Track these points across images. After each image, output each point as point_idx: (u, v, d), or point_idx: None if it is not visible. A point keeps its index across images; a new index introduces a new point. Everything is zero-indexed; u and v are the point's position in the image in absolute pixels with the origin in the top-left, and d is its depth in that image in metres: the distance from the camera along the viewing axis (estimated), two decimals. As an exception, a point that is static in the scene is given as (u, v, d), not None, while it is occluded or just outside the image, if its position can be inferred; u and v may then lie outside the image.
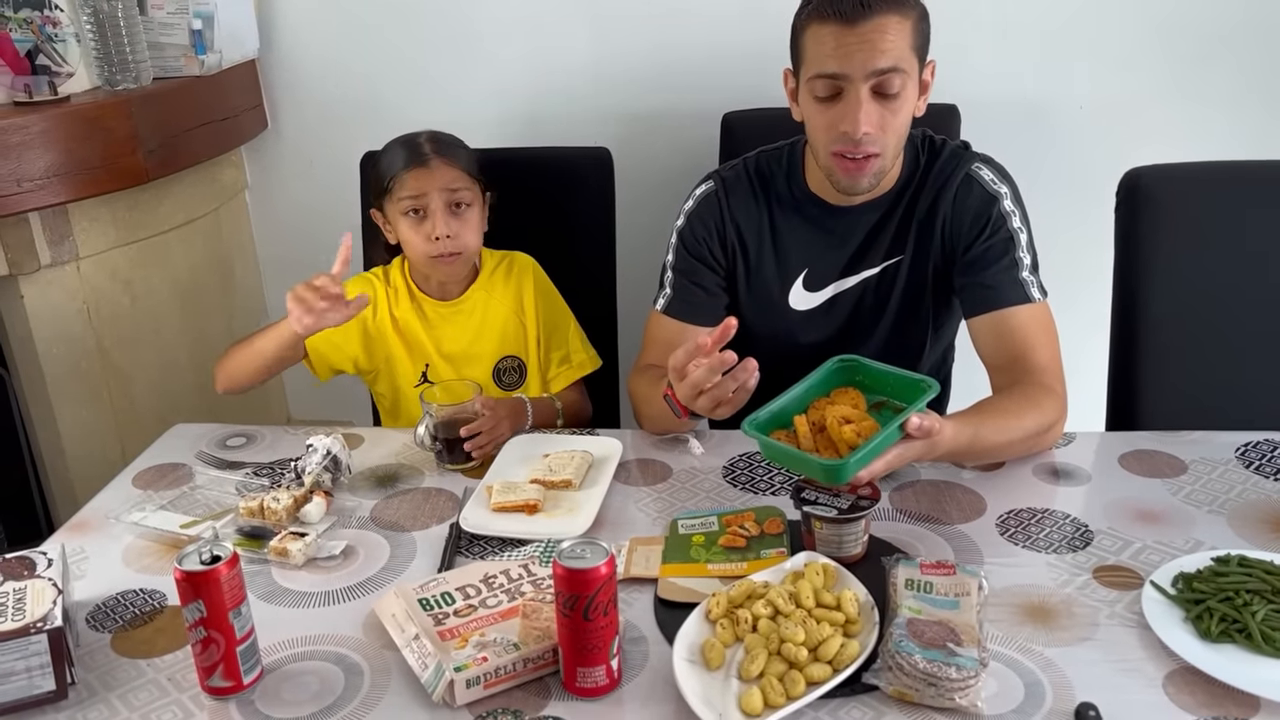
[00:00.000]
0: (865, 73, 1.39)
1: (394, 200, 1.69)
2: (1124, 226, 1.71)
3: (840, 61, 1.39)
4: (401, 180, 1.68)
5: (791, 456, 1.21)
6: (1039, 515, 1.32)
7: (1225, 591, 1.10)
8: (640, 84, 2.27)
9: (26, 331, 2.00)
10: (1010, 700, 1.01)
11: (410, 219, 1.69)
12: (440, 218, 1.67)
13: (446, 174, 1.68)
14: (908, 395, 1.25)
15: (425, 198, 1.67)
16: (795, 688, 1.00)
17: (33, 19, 1.89)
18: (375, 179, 1.73)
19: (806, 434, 1.23)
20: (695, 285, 1.62)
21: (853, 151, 1.44)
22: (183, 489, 1.48)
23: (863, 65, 1.38)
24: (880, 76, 1.39)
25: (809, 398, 1.29)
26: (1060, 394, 1.46)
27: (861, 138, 1.41)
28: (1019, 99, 2.19)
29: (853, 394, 1.30)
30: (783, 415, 1.26)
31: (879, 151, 1.44)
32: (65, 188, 1.87)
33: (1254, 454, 1.44)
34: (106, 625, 1.19)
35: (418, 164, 1.67)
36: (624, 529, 1.33)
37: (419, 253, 1.71)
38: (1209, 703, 1.00)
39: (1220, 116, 2.17)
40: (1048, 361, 1.47)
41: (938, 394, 1.23)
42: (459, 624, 1.10)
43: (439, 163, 1.68)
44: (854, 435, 1.19)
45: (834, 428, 1.21)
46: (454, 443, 1.49)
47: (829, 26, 1.39)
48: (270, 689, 1.07)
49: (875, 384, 1.31)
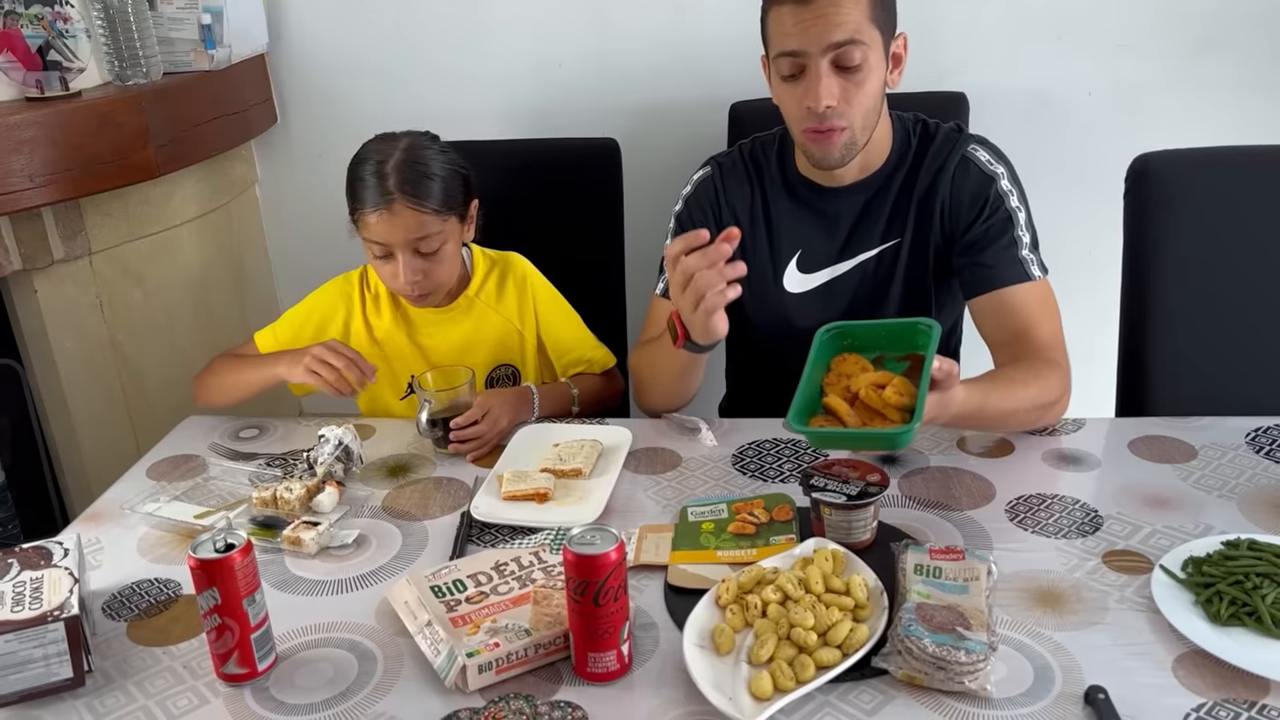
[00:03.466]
0: (822, 46, 1.41)
1: (361, 233, 1.61)
2: (1133, 212, 1.71)
3: (798, 38, 1.42)
4: (364, 220, 1.58)
5: (849, 437, 1.22)
6: (1048, 501, 1.32)
7: (1235, 575, 1.10)
8: (648, 75, 2.27)
9: (40, 326, 2.01)
10: (1020, 684, 1.01)
11: (377, 259, 1.62)
12: (404, 265, 1.58)
13: (410, 221, 1.55)
14: (903, 341, 1.28)
15: (388, 244, 1.58)
16: (805, 672, 1.00)
17: (44, 15, 1.90)
18: (348, 196, 1.63)
19: (849, 411, 1.23)
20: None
21: (819, 125, 1.46)
22: (196, 480, 1.49)
23: (819, 39, 1.41)
24: (838, 50, 1.41)
25: (818, 378, 1.29)
26: (1064, 368, 1.47)
27: (825, 111, 1.44)
28: (1027, 87, 2.19)
29: (852, 359, 1.30)
30: (809, 403, 1.25)
31: (844, 125, 1.47)
32: (77, 183, 1.87)
33: (1264, 439, 1.44)
34: (122, 614, 1.20)
35: (381, 206, 1.55)
36: (634, 517, 1.34)
37: (387, 285, 1.67)
38: (1219, 685, 1.00)
39: (1229, 102, 2.16)
40: (1049, 337, 1.49)
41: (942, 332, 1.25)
42: (471, 610, 1.11)
43: (403, 206, 1.55)
44: (897, 396, 1.20)
45: (872, 396, 1.22)
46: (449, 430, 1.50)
47: (786, 5, 1.43)
48: (284, 676, 1.08)
49: (867, 341, 1.31)
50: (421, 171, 1.58)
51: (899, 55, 1.50)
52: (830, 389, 1.28)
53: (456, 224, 1.64)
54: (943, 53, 2.15)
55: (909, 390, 1.21)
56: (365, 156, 1.61)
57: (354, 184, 1.60)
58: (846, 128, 1.47)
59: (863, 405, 1.22)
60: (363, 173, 1.59)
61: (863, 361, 1.30)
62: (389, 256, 1.59)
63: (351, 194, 1.61)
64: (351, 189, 1.61)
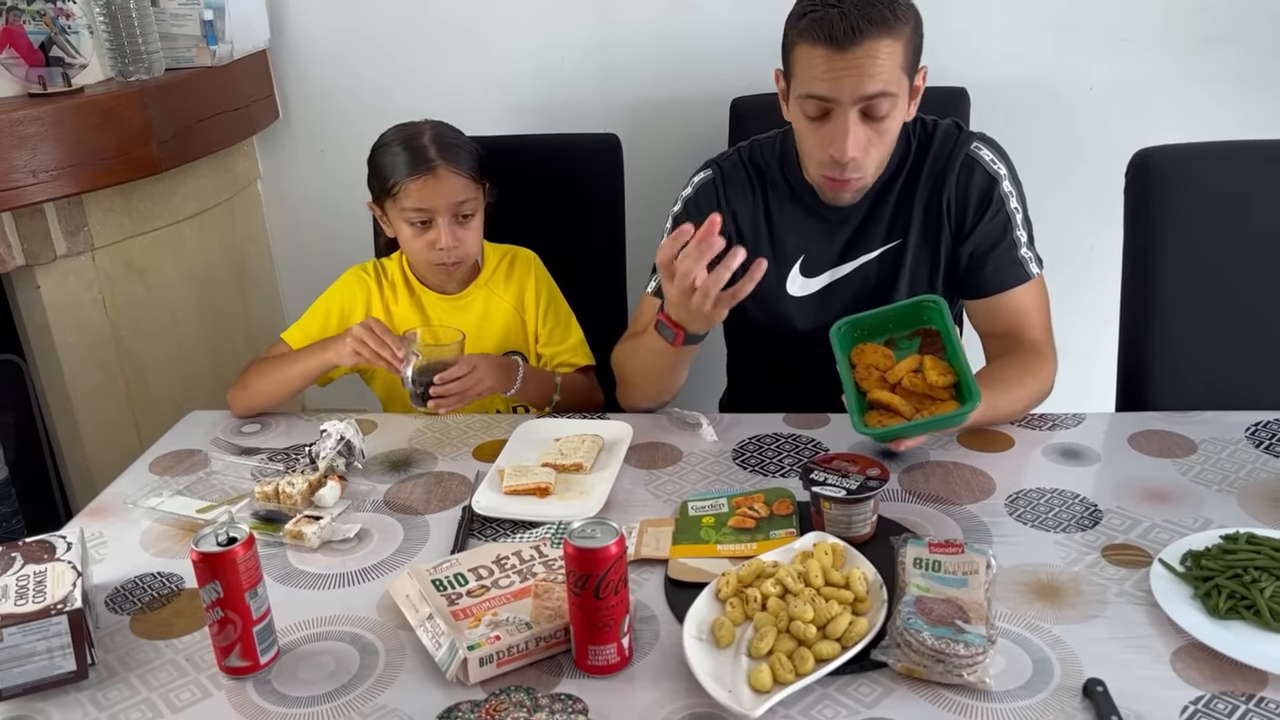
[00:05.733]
0: (854, 98, 1.40)
1: (397, 206, 1.66)
2: (1133, 207, 1.71)
3: (829, 86, 1.40)
4: (406, 189, 1.63)
5: (920, 426, 1.30)
6: (1048, 495, 1.32)
7: (1234, 569, 1.10)
8: (648, 70, 2.28)
9: (43, 321, 2.02)
10: (1018, 677, 1.02)
11: (414, 227, 1.67)
12: (446, 230, 1.65)
13: (453, 184, 1.64)
14: (909, 320, 1.39)
15: (431, 210, 1.64)
16: (804, 665, 1.01)
17: (46, 11, 1.91)
18: (376, 176, 1.69)
19: (901, 401, 1.33)
20: None
21: (839, 175, 1.47)
22: (199, 474, 1.49)
23: (852, 91, 1.39)
24: (869, 101, 1.40)
25: (850, 376, 1.38)
26: (1052, 359, 1.55)
27: (848, 163, 1.44)
28: (1028, 81, 2.19)
29: (870, 349, 1.40)
30: (858, 403, 1.35)
31: (862, 175, 1.49)
32: (80, 179, 1.88)
33: (1264, 433, 1.44)
34: (125, 608, 1.20)
35: (424, 172, 1.63)
36: (634, 511, 1.34)
37: (420, 258, 1.71)
38: (1217, 678, 1.00)
39: (1229, 97, 2.16)
40: (1041, 333, 1.56)
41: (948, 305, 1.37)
42: (472, 604, 1.12)
43: (446, 171, 1.63)
44: (940, 376, 1.32)
45: (916, 381, 1.34)
46: (430, 386, 1.52)
47: (819, 50, 1.38)
48: (287, 668, 1.09)
49: (876, 329, 1.42)
50: (455, 142, 1.68)
51: (918, 88, 1.49)
52: (865, 383, 1.36)
53: (483, 197, 1.71)
54: (944, 47, 2.14)
55: (946, 367, 1.32)
56: (391, 139, 1.68)
57: (387, 160, 1.66)
58: (862, 177, 1.49)
59: (906, 391, 1.35)
60: (395, 150, 1.66)
61: (882, 349, 1.39)
62: (428, 224, 1.65)
63: (383, 171, 1.66)
64: (383, 166, 1.67)
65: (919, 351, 1.38)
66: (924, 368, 1.34)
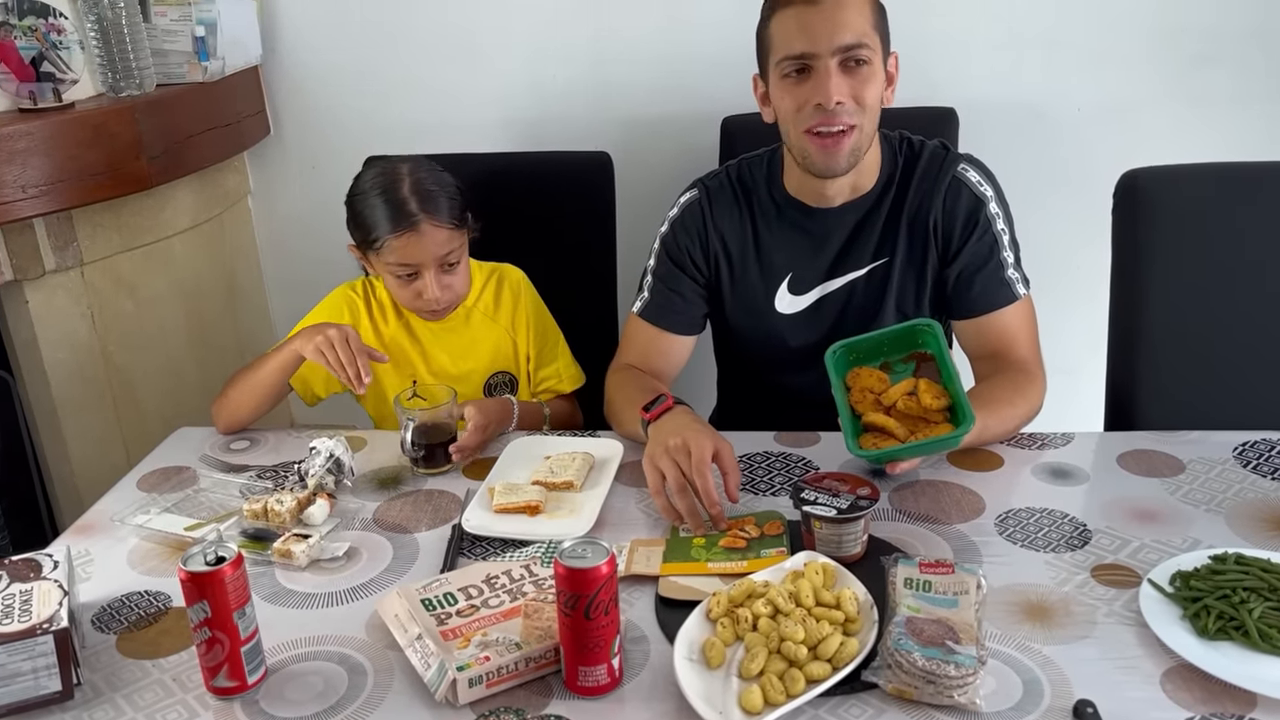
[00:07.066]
0: (832, 48, 1.42)
1: (380, 259, 1.63)
2: (1121, 227, 1.72)
3: (806, 40, 1.43)
4: (388, 245, 1.60)
5: (914, 449, 1.31)
6: (1037, 514, 1.33)
7: (1222, 589, 1.11)
8: (640, 89, 2.28)
9: (31, 336, 2.01)
10: (1009, 698, 1.02)
11: (400, 279, 1.64)
12: (432, 281, 1.62)
13: (437, 237, 1.60)
14: (904, 344, 1.40)
15: (416, 264, 1.61)
16: (795, 685, 1.00)
17: (37, 26, 1.91)
18: (357, 226, 1.64)
19: (896, 424, 1.33)
20: (673, 292, 1.66)
21: (827, 125, 1.45)
22: (187, 492, 1.49)
23: (829, 40, 1.42)
24: (846, 51, 1.43)
25: (844, 399, 1.38)
26: (1041, 378, 1.55)
27: (835, 107, 1.44)
28: (1017, 102, 2.20)
29: (865, 372, 1.41)
30: (853, 425, 1.36)
31: (855, 123, 1.46)
32: (69, 194, 1.87)
33: (1251, 453, 1.45)
34: (112, 626, 1.20)
35: (407, 229, 1.58)
36: (625, 530, 1.34)
37: (408, 306, 1.69)
38: (1206, 699, 1.00)
39: (1217, 118, 2.18)
40: (1029, 352, 1.57)
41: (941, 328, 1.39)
42: (461, 624, 1.11)
43: (429, 225, 1.59)
44: (934, 400, 1.32)
45: (910, 405, 1.35)
46: (433, 448, 1.51)
47: (792, 9, 1.44)
48: (274, 689, 1.08)
49: (871, 352, 1.42)
50: (435, 190, 1.62)
51: (892, 74, 1.52)
52: (861, 406, 1.37)
53: (466, 236, 1.68)
54: (932, 67, 2.16)
55: (940, 390, 1.33)
56: (368, 187, 1.63)
57: (366, 213, 1.62)
58: (856, 126, 1.46)
59: (900, 413, 1.35)
60: (374, 201, 1.61)
61: (877, 373, 1.40)
62: (413, 277, 1.63)
63: (364, 223, 1.62)
64: (363, 218, 1.62)
65: (914, 375, 1.39)
66: (918, 391, 1.35)
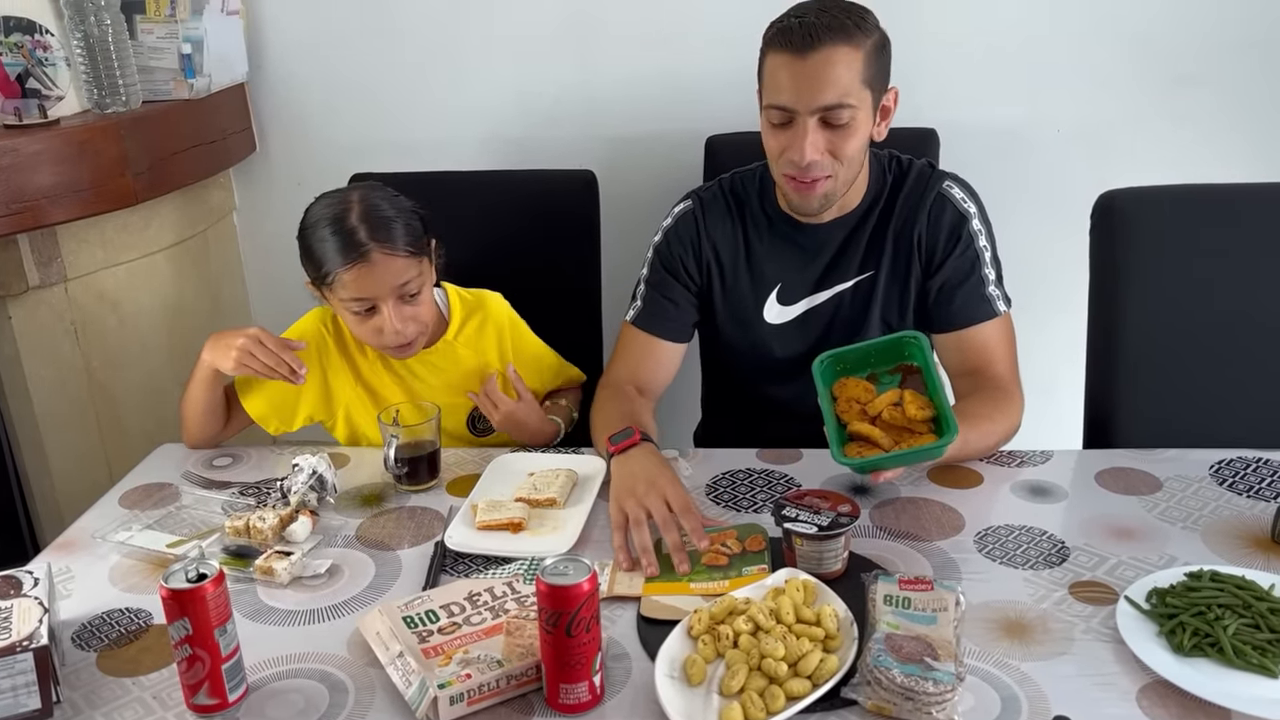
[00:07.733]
0: (812, 107, 1.44)
1: (335, 295, 1.55)
2: (1099, 248, 1.74)
3: (789, 95, 1.45)
4: (340, 279, 1.51)
5: (897, 458, 1.31)
6: (1016, 531, 1.34)
7: (1198, 606, 1.12)
8: (625, 107, 2.30)
9: (14, 352, 2.00)
10: (987, 714, 1.02)
11: (357, 315, 1.56)
12: (391, 313, 1.54)
13: (391, 266, 1.51)
14: (891, 355, 1.41)
15: (372, 297, 1.53)
16: (775, 702, 1.01)
17: (23, 43, 1.91)
18: (309, 260, 1.56)
19: (881, 434, 1.34)
20: (666, 299, 1.68)
21: (801, 176, 1.50)
22: (169, 508, 1.48)
23: (809, 99, 1.44)
24: (827, 110, 1.44)
25: (831, 409, 1.39)
26: (1019, 396, 1.57)
27: (808, 165, 1.47)
28: (997, 123, 2.22)
29: (852, 383, 1.42)
30: (838, 434, 1.36)
31: (829, 174, 1.50)
32: (54, 210, 1.87)
33: (1227, 471, 1.47)
34: (92, 644, 1.19)
35: (357, 260, 1.50)
36: (608, 547, 1.34)
37: (370, 343, 1.62)
38: (1182, 715, 1.01)
39: (1195, 140, 2.20)
40: (1008, 370, 1.59)
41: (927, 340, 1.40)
42: (443, 641, 1.11)
43: (380, 255, 1.50)
44: (919, 410, 1.33)
45: (895, 415, 1.36)
46: (417, 463, 1.51)
47: (782, 57, 1.45)
48: (255, 706, 1.08)
49: (858, 363, 1.43)
50: (386, 217, 1.54)
51: (888, 108, 1.53)
52: (847, 416, 1.38)
53: (427, 264, 1.60)
54: (914, 89, 2.17)
55: (925, 401, 1.34)
56: (317, 220, 1.55)
57: (316, 247, 1.54)
58: (830, 176, 1.50)
59: (886, 423, 1.36)
60: (323, 234, 1.53)
61: (864, 384, 1.41)
62: (372, 311, 1.55)
63: (315, 257, 1.54)
64: (314, 253, 1.55)
65: (900, 386, 1.40)
66: (904, 401, 1.36)
